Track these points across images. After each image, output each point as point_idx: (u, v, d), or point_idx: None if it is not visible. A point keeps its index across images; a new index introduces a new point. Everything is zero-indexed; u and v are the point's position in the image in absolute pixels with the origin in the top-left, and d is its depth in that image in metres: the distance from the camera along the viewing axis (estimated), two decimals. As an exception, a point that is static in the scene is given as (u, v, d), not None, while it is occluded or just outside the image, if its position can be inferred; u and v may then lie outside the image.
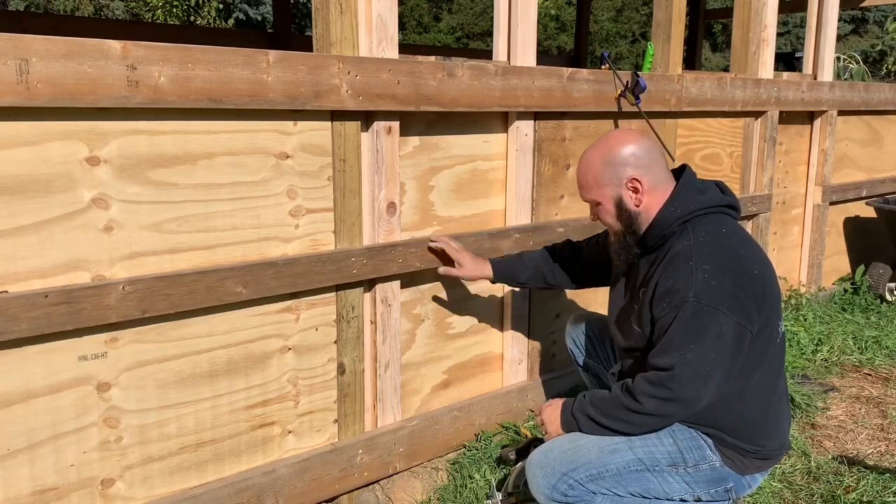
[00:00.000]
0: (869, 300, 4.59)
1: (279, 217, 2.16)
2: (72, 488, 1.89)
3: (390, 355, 2.46)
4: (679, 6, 3.31)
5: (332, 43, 2.18)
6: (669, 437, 1.93)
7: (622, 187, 1.97)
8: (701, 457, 1.92)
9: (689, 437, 1.93)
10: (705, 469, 1.92)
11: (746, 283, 1.82)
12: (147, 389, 1.98)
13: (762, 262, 1.93)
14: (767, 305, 1.87)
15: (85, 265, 1.83)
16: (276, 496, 2.21)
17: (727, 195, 2.01)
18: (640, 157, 1.96)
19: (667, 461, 1.90)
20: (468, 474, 2.54)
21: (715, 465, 1.93)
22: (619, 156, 1.97)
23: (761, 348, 1.89)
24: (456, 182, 2.63)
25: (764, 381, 1.93)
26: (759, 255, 1.94)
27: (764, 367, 1.92)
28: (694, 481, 1.92)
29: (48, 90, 1.67)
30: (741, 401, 1.90)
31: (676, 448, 1.92)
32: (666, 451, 1.91)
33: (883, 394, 3.41)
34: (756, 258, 1.91)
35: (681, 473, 1.91)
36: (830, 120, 4.39)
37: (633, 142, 1.97)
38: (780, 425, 1.99)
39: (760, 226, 3.99)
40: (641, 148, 1.97)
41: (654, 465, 1.90)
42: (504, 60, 2.71)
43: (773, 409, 1.96)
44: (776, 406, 1.97)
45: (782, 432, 2.00)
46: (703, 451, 1.93)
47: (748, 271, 1.84)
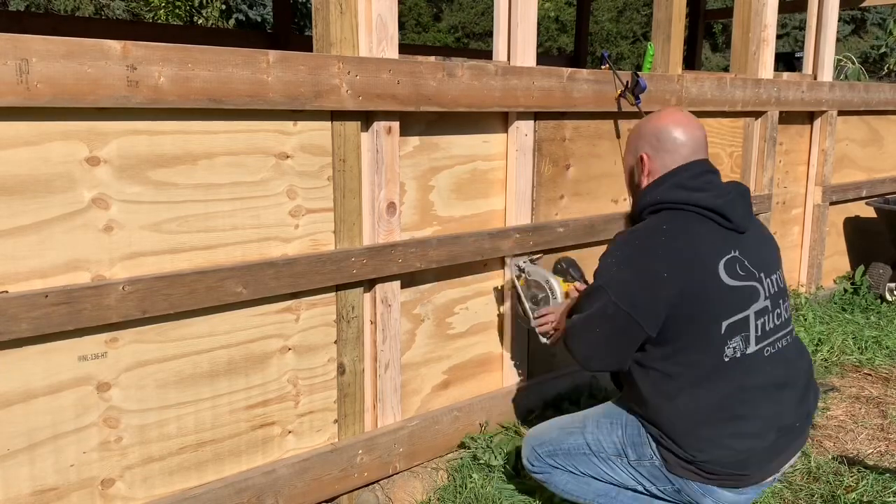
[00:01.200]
0: (869, 300, 4.59)
1: (279, 217, 2.16)
2: (72, 488, 1.89)
3: (390, 355, 2.46)
4: (679, 6, 3.31)
5: (332, 43, 2.18)
6: (619, 430, 2.02)
7: (636, 160, 2.03)
8: (642, 453, 1.97)
9: (636, 433, 1.98)
10: (647, 465, 1.96)
11: (646, 282, 1.84)
12: (147, 389, 1.98)
13: (681, 267, 1.83)
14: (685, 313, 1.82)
15: (85, 265, 1.83)
16: (276, 496, 2.21)
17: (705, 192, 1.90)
18: (660, 139, 1.97)
19: (612, 451, 2.02)
20: (468, 474, 2.54)
21: (655, 463, 1.94)
22: (646, 130, 2.01)
23: (696, 360, 1.84)
24: (456, 182, 2.63)
25: (701, 396, 1.84)
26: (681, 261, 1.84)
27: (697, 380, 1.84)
28: (640, 475, 1.98)
29: (48, 90, 1.67)
30: (671, 403, 1.87)
31: (622, 441, 2.01)
32: (612, 442, 2.02)
33: (883, 394, 3.41)
34: (677, 263, 1.83)
35: (625, 464, 2.00)
36: (830, 120, 4.39)
37: (667, 122, 1.99)
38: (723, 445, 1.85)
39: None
40: (670, 130, 1.97)
41: (599, 451, 2.03)
42: (504, 60, 2.71)
43: (711, 427, 1.85)
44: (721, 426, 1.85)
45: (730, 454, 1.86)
46: (645, 448, 1.96)
47: (655, 272, 1.83)
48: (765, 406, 1.87)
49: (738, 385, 1.85)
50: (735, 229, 1.90)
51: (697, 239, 1.87)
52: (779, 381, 1.90)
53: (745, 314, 1.86)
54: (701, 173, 1.95)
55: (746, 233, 1.93)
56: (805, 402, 1.97)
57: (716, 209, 1.88)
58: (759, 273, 1.91)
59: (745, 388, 1.85)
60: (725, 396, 1.85)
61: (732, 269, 1.86)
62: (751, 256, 1.91)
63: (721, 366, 1.84)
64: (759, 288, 1.89)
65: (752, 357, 1.87)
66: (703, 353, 1.84)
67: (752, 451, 1.86)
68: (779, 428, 1.89)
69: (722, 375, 1.84)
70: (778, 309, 1.94)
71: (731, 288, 1.84)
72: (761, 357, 1.89)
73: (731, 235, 1.89)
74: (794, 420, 1.92)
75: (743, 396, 1.85)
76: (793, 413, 1.92)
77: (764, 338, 1.90)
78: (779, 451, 1.92)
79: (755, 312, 1.87)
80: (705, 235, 1.88)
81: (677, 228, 1.88)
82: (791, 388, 1.93)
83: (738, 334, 1.85)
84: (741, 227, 1.91)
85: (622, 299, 1.85)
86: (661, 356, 1.88)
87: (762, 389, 1.87)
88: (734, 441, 1.85)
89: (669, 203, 1.92)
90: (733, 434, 1.85)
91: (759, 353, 1.88)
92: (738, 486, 1.90)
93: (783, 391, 1.91)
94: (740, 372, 1.85)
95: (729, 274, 1.85)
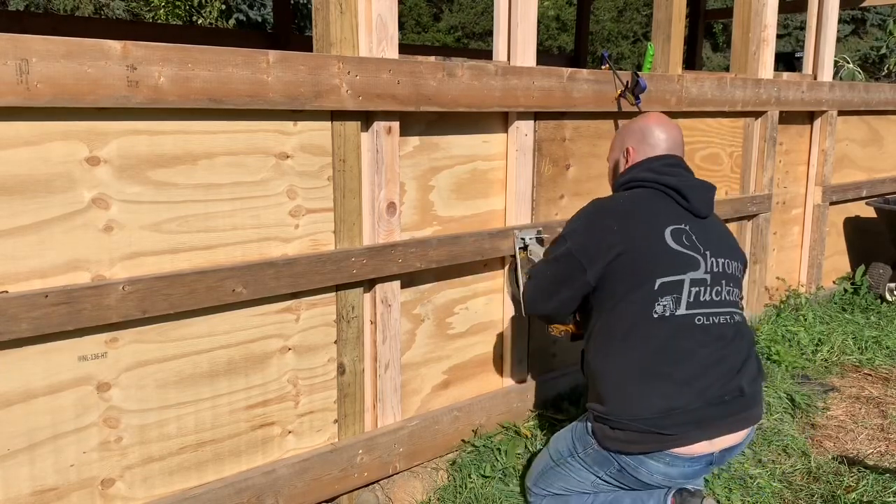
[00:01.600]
0: (869, 300, 4.60)
1: (279, 217, 2.16)
2: (72, 488, 1.89)
3: (390, 355, 2.46)
4: (679, 6, 3.31)
5: (332, 43, 2.18)
6: (570, 432, 2.17)
7: (622, 153, 2.26)
8: (586, 442, 2.09)
9: (581, 426, 2.13)
10: (591, 452, 2.08)
11: (597, 231, 2.07)
12: (147, 389, 1.98)
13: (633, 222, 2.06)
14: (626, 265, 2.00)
15: (85, 265, 1.83)
16: (276, 496, 2.21)
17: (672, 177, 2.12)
18: (644, 134, 2.22)
19: (566, 452, 2.15)
20: (468, 474, 2.54)
21: (594, 447, 2.06)
22: (632, 128, 2.27)
23: (629, 311, 2.00)
24: (456, 182, 2.63)
25: (631, 350, 1.98)
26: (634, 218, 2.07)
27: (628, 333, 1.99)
28: (589, 464, 2.09)
29: (48, 90, 1.67)
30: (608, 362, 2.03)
31: (572, 439, 2.15)
32: (565, 444, 2.17)
33: (883, 394, 3.41)
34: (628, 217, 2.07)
35: (578, 459, 2.11)
36: (830, 120, 4.39)
37: (652, 122, 2.24)
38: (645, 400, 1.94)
39: (760, 226, 3.99)
40: (653, 128, 2.22)
41: (559, 458, 2.17)
42: (504, 60, 2.71)
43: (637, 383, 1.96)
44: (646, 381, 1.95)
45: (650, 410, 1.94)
46: (586, 436, 2.09)
47: (607, 225, 2.07)
48: (688, 369, 1.96)
49: (664, 342, 1.97)
50: (692, 211, 2.10)
51: (653, 207, 2.10)
52: (709, 351, 1.99)
53: (679, 277, 2.01)
54: (673, 164, 2.18)
55: (706, 219, 2.13)
56: (737, 379, 2.00)
57: (676, 188, 2.10)
58: (703, 249, 2.06)
59: (672, 348, 1.97)
60: (652, 352, 1.97)
61: (678, 237, 2.05)
62: (700, 234, 2.08)
63: (650, 321, 1.97)
64: (700, 260, 2.04)
65: (681, 319, 1.99)
66: (635, 305, 1.99)
67: (672, 411, 1.93)
68: (705, 397, 1.94)
69: (650, 330, 1.97)
70: (718, 287, 2.05)
71: (672, 251, 2.02)
72: (691, 322, 1.99)
73: (686, 214, 2.10)
74: (722, 393, 1.96)
75: (668, 355, 1.97)
76: (721, 386, 1.97)
77: (696, 306, 2.01)
78: (707, 422, 1.95)
79: (690, 279, 2.01)
80: (662, 207, 2.10)
81: (637, 196, 2.14)
82: (722, 364, 2.00)
83: (670, 294, 1.99)
84: (699, 211, 2.11)
85: (575, 244, 2.09)
86: (604, 310, 2.05)
87: (689, 354, 1.97)
88: (655, 397, 1.94)
89: (638, 181, 2.16)
90: (654, 390, 1.95)
91: (688, 317, 1.99)
92: (664, 448, 1.94)
93: (713, 363, 1.99)
94: (668, 330, 1.97)
95: (674, 239, 2.04)
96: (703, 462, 2.02)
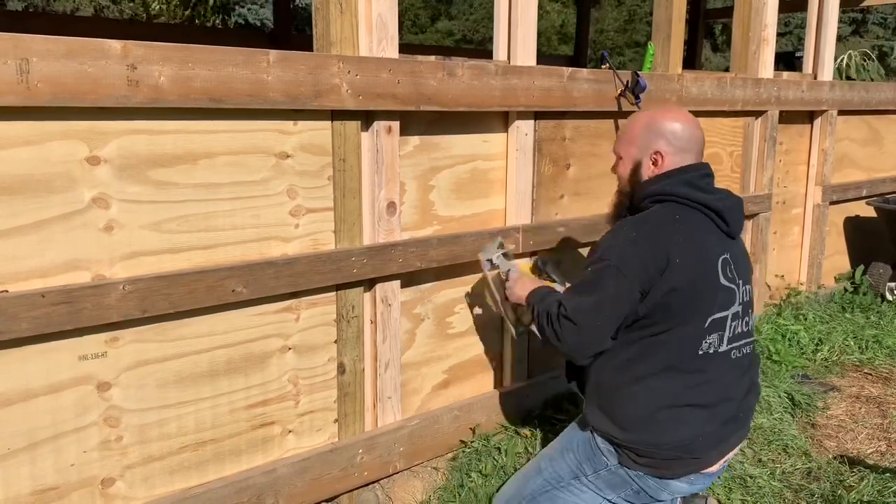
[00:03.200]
0: (869, 299, 4.59)
1: (279, 217, 2.17)
2: (72, 488, 1.89)
3: (390, 355, 2.46)
4: (679, 6, 3.31)
5: (333, 42, 2.18)
6: (571, 453, 2.06)
7: (646, 155, 2.05)
8: (598, 463, 2.01)
9: (588, 447, 2.03)
10: (604, 475, 2.00)
11: (657, 264, 1.88)
12: (147, 389, 1.98)
13: (691, 255, 1.91)
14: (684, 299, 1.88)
15: (85, 265, 1.83)
16: (277, 496, 2.22)
17: (710, 194, 2.00)
18: (676, 136, 2.03)
19: (570, 475, 2.04)
20: (468, 474, 2.54)
21: (611, 468, 1.99)
22: (660, 126, 2.05)
23: (677, 346, 1.91)
24: (456, 182, 2.63)
25: (669, 380, 1.91)
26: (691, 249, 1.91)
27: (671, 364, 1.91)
28: (599, 488, 2.02)
29: (48, 90, 1.68)
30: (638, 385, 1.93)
31: (576, 460, 2.04)
32: (567, 467, 2.06)
33: (883, 393, 3.41)
34: (686, 249, 1.90)
35: (585, 483, 2.03)
36: (830, 119, 4.39)
37: (682, 121, 2.05)
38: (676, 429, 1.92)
39: (760, 225, 3.99)
40: (684, 130, 2.04)
41: (558, 482, 2.05)
42: (504, 60, 2.71)
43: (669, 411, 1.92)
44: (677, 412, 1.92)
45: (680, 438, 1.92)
46: (598, 457, 2.00)
47: (667, 257, 1.88)
48: (716, 397, 1.96)
49: (704, 377, 1.94)
50: (729, 234, 2.02)
51: (705, 235, 1.97)
52: (734, 380, 2.00)
53: (726, 313, 1.95)
54: (705, 175, 2.04)
55: (736, 240, 2.05)
56: (748, 399, 2.05)
57: (719, 211, 1.98)
58: (738, 280, 2.00)
59: (709, 381, 1.94)
60: (689, 386, 1.93)
61: (725, 270, 1.96)
62: (736, 262, 2.01)
63: (695, 357, 1.92)
64: (737, 293, 1.99)
65: (722, 356, 1.96)
66: (685, 341, 1.92)
67: (701, 437, 1.93)
68: (723, 420, 1.97)
69: (693, 365, 1.93)
70: (746, 317, 2.03)
71: (722, 286, 1.95)
72: (728, 358, 1.98)
73: (725, 239, 2.00)
74: (736, 413, 2.00)
75: (705, 388, 1.94)
76: (736, 407, 2.00)
77: (733, 340, 1.99)
78: (722, 439, 1.98)
79: (732, 314, 1.97)
80: (709, 234, 1.98)
81: (688, 220, 1.97)
82: (740, 388, 2.02)
83: (717, 331, 1.94)
84: (734, 233, 2.03)
85: (630, 272, 1.87)
86: (644, 338, 1.93)
87: (719, 384, 1.96)
88: (686, 427, 1.92)
89: (677, 196, 1.98)
90: (689, 419, 1.93)
91: (727, 353, 1.97)
92: (691, 472, 1.95)
93: (734, 389, 2.00)
94: (710, 366, 1.94)
95: (723, 274, 1.95)
96: (718, 475, 2.08)
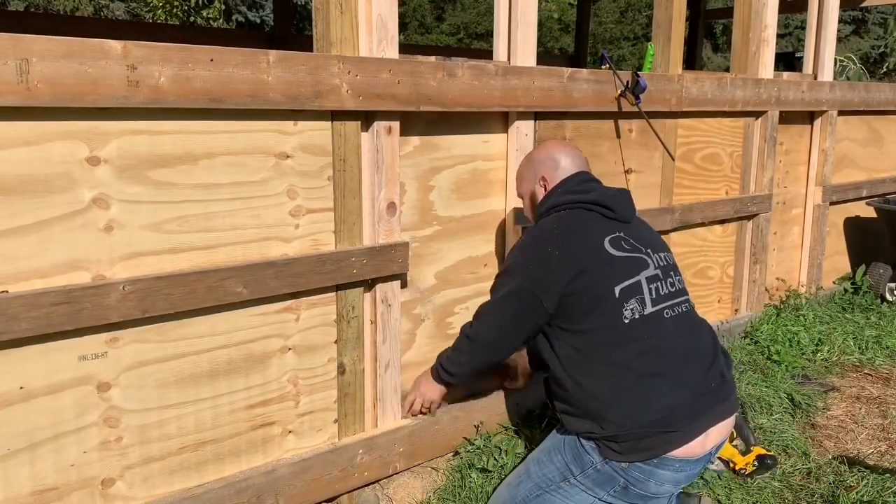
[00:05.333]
0: (869, 300, 4.59)
1: (279, 217, 2.17)
2: (72, 488, 1.89)
3: (390, 355, 2.46)
4: (679, 6, 3.31)
5: (333, 43, 2.18)
6: (558, 454, 2.13)
7: (535, 183, 2.33)
8: (584, 462, 2.06)
9: (573, 447, 2.09)
10: (591, 473, 2.05)
11: (542, 261, 2.09)
12: (147, 389, 1.98)
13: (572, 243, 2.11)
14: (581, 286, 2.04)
15: (85, 265, 1.83)
16: (277, 496, 2.22)
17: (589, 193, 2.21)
18: (553, 160, 2.31)
19: (559, 477, 2.10)
20: (468, 474, 2.54)
21: (596, 466, 2.03)
22: (538, 158, 2.36)
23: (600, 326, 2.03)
24: (456, 182, 2.63)
25: (615, 360, 2.01)
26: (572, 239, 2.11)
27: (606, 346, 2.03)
28: (589, 486, 2.07)
29: (48, 90, 1.68)
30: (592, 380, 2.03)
31: (563, 462, 2.10)
32: (555, 469, 2.12)
33: (883, 394, 3.41)
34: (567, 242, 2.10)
35: (574, 483, 2.08)
36: (831, 120, 4.39)
37: (552, 149, 2.35)
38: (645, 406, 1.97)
39: (760, 226, 3.99)
40: (556, 153, 2.32)
41: (548, 485, 2.11)
42: (504, 60, 2.71)
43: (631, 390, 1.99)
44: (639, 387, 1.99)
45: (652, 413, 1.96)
46: (584, 456, 2.06)
47: (548, 253, 2.09)
48: (671, 363, 2.02)
49: (644, 343, 2.01)
50: (618, 219, 2.18)
51: (584, 224, 2.17)
52: (684, 342, 2.08)
53: (635, 279, 2.07)
54: (584, 181, 2.27)
55: (631, 223, 2.21)
56: (716, 366, 2.10)
57: (599, 202, 2.18)
58: (644, 248, 2.15)
59: (652, 346, 2.02)
60: (638, 355, 2.00)
61: (618, 243, 2.12)
62: (635, 236, 2.18)
63: (623, 327, 2.02)
64: (647, 259, 2.13)
65: (652, 317, 2.05)
66: (604, 318, 2.03)
67: (673, 408, 1.97)
68: (692, 389, 2.01)
69: (627, 336, 2.02)
70: (670, 278, 2.16)
71: (617, 258, 2.09)
72: (661, 317, 2.07)
73: (615, 223, 2.17)
74: (707, 381, 2.05)
75: (654, 354, 2.02)
76: (703, 375, 2.05)
77: (660, 301, 2.09)
78: (700, 412, 2.00)
79: (646, 278, 2.09)
80: (592, 223, 2.17)
81: (567, 218, 2.19)
82: (698, 352, 2.09)
83: (633, 297, 2.05)
84: (624, 217, 2.20)
85: (524, 278, 2.10)
86: (571, 333, 2.07)
87: (668, 347, 2.04)
88: (656, 399, 1.97)
89: (561, 205, 2.22)
90: (654, 391, 1.98)
91: (658, 313, 2.07)
92: (674, 448, 1.97)
93: (691, 352, 2.08)
94: (644, 331, 2.02)
95: (614, 247, 2.11)
96: (703, 462, 2.07)
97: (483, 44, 20.23)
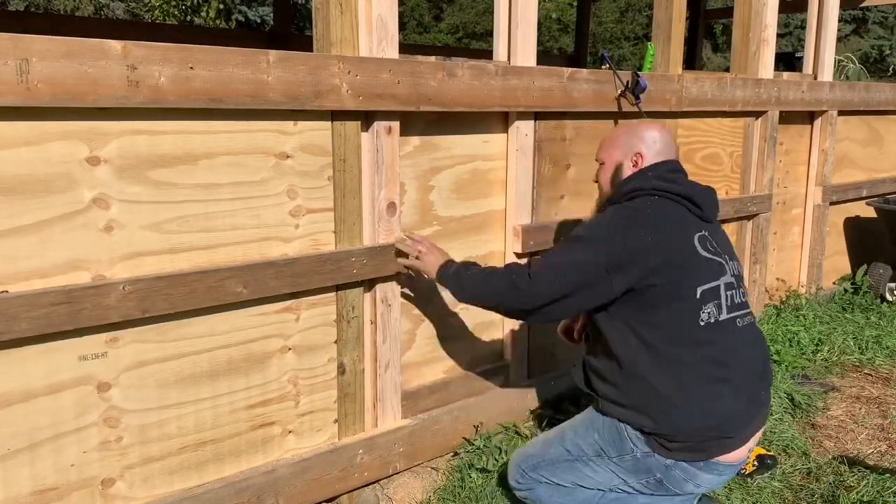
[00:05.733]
0: (869, 300, 4.59)
1: (279, 217, 2.17)
2: (72, 488, 1.89)
3: (390, 355, 2.46)
4: (679, 6, 3.31)
5: (333, 43, 2.18)
6: (595, 433, 2.11)
7: (627, 157, 2.21)
8: (622, 448, 2.05)
9: (614, 433, 2.07)
10: (629, 460, 2.04)
11: (631, 240, 1.99)
12: (147, 389, 1.98)
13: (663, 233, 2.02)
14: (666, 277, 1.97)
15: (85, 265, 1.83)
16: (277, 496, 2.22)
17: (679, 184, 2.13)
18: (654, 140, 2.21)
19: (592, 452, 2.10)
20: (468, 474, 2.54)
21: (636, 455, 2.03)
22: (638, 132, 2.24)
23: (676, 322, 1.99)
24: (456, 182, 2.63)
25: (683, 358, 1.98)
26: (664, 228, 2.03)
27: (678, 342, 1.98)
28: (621, 470, 2.06)
29: (48, 90, 1.68)
30: (657, 373, 1.98)
31: (600, 441, 2.09)
32: (590, 443, 2.11)
33: (883, 394, 3.41)
34: (660, 231, 2.02)
35: (606, 462, 2.08)
36: (831, 120, 4.39)
37: (657, 129, 2.25)
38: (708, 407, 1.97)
39: (760, 226, 3.99)
40: (661, 136, 2.23)
41: (580, 455, 2.12)
42: (504, 60, 2.71)
43: (696, 389, 1.97)
44: (704, 388, 1.98)
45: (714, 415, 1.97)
46: (625, 443, 2.04)
47: (640, 238, 1.99)
48: (736, 371, 2.02)
49: (715, 348, 2.00)
50: (703, 217, 2.13)
51: (675, 216, 2.10)
52: (749, 353, 2.07)
53: (716, 283, 2.04)
54: (674, 170, 2.20)
55: (712, 223, 2.17)
56: (766, 376, 2.13)
57: (688, 196, 2.11)
58: (723, 254, 2.11)
59: (722, 352, 2.00)
60: (707, 359, 1.99)
61: (704, 244, 2.07)
62: (716, 239, 2.13)
63: (698, 329, 1.99)
64: (725, 265, 2.09)
65: (726, 324, 2.03)
66: (680, 315, 1.99)
67: (732, 415, 1.98)
68: (749, 397, 2.03)
69: (701, 338, 1.99)
70: (741, 289, 2.13)
71: (704, 258, 2.04)
72: (734, 325, 2.05)
73: (700, 221, 2.12)
74: (758, 389, 2.08)
75: (722, 360, 2.00)
76: (756, 385, 2.07)
77: (733, 309, 2.06)
78: (751, 418, 2.04)
79: (724, 284, 2.06)
80: (681, 215, 2.11)
81: (663, 207, 2.10)
82: (756, 363, 2.09)
83: (712, 301, 2.01)
84: (709, 216, 2.14)
85: (603, 253, 1.98)
86: (641, 324, 2.00)
87: (735, 355, 2.02)
88: (717, 404, 1.97)
89: (649, 189, 2.13)
90: (716, 397, 1.97)
91: (731, 321, 2.04)
92: (725, 452, 1.99)
93: (752, 363, 2.07)
94: (717, 336, 2.00)
95: (702, 246, 2.06)
96: (739, 467, 2.11)
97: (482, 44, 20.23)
